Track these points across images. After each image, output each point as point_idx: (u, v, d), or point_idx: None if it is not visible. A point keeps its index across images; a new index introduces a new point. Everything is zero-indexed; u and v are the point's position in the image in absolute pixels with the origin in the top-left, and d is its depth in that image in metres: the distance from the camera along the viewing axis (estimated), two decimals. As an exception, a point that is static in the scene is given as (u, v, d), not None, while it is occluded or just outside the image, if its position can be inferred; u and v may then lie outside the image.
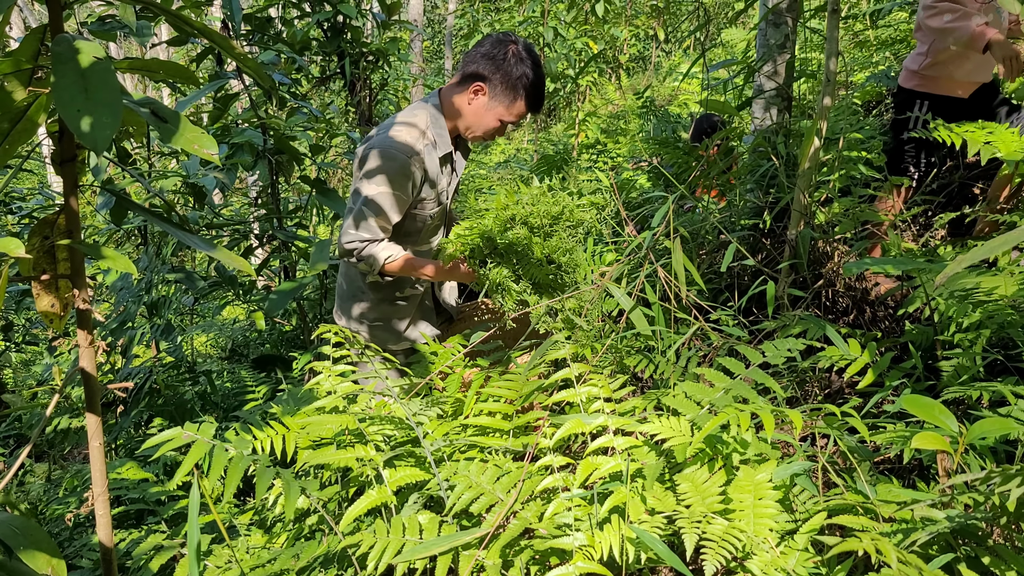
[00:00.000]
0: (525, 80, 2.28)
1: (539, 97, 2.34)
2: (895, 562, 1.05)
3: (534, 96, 2.32)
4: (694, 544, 1.22)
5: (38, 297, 1.17)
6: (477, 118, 2.34)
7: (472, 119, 2.35)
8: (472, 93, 2.31)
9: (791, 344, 1.81)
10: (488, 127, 2.36)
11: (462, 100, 2.34)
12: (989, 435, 1.26)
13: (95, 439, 1.20)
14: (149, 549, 1.80)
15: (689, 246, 3.00)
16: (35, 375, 6.51)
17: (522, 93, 2.30)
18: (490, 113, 2.33)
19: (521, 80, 2.28)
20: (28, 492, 3.59)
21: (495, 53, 2.28)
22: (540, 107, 2.37)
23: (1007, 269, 2.10)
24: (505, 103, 2.31)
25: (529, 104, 2.33)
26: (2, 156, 1.09)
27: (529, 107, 2.34)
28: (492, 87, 2.29)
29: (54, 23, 1.08)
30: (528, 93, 2.30)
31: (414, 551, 1.34)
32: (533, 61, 2.30)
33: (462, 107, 2.35)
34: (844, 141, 2.73)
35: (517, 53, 2.28)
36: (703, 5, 9.28)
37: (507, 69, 2.27)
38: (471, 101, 2.33)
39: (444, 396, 1.98)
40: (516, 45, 2.30)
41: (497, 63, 2.27)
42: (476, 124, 2.36)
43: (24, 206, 4.60)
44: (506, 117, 2.34)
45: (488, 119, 2.34)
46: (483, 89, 2.30)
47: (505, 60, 2.27)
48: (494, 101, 2.31)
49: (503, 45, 2.29)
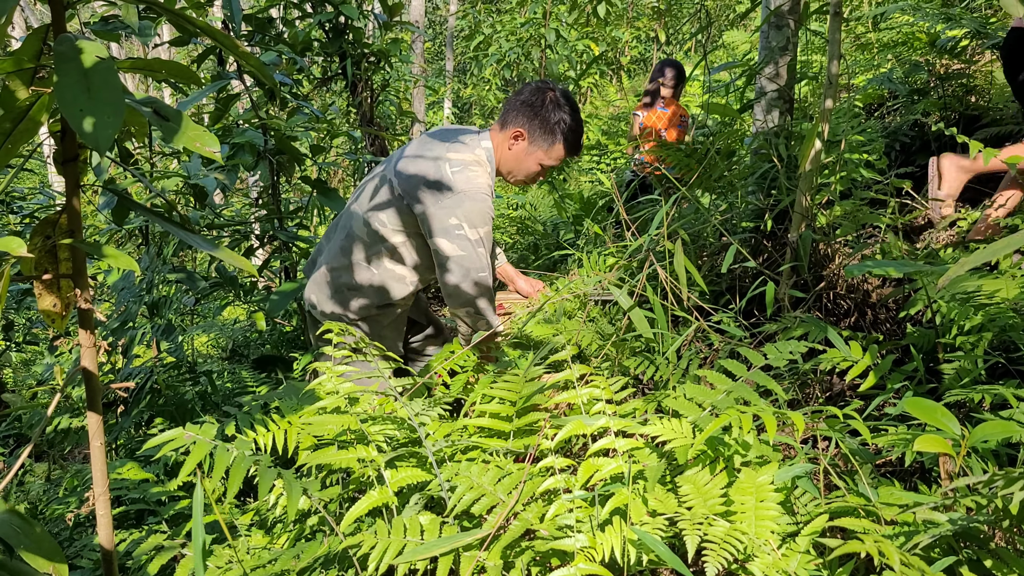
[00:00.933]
0: (563, 125, 2.38)
1: (577, 141, 2.44)
2: (898, 564, 1.05)
3: (572, 140, 2.42)
4: (695, 546, 1.21)
5: (40, 297, 1.17)
6: (518, 163, 2.44)
7: (513, 164, 2.45)
8: (512, 139, 2.41)
9: (792, 346, 1.81)
10: (529, 171, 2.46)
11: (503, 146, 2.43)
12: (991, 438, 1.25)
13: (96, 439, 1.20)
14: (150, 549, 1.79)
15: (690, 248, 3.00)
16: (35, 375, 6.51)
17: (560, 137, 2.39)
18: (530, 158, 2.42)
19: (559, 125, 2.38)
20: (28, 492, 3.59)
21: (533, 100, 2.38)
22: (579, 151, 2.48)
23: (1009, 272, 2.10)
24: (544, 147, 2.40)
25: (568, 148, 2.43)
26: (4, 156, 1.09)
27: (568, 151, 2.44)
28: (531, 133, 2.39)
29: (57, 23, 1.08)
30: (566, 137, 2.40)
31: (415, 552, 1.34)
32: (571, 107, 2.40)
33: (503, 152, 2.44)
34: (845, 143, 2.73)
35: (555, 99, 2.38)
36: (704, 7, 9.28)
37: (545, 115, 2.37)
38: (511, 147, 2.42)
39: (446, 395, 1.98)
40: (554, 92, 2.40)
41: (535, 109, 2.37)
42: (517, 169, 2.46)
43: (25, 206, 4.60)
44: (546, 161, 2.43)
45: (529, 163, 2.43)
46: (523, 135, 2.40)
47: (543, 106, 2.37)
48: (533, 146, 2.41)
49: (541, 92, 2.39)
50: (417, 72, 10.11)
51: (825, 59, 4.34)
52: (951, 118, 3.49)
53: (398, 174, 2.40)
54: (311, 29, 4.47)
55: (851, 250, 2.71)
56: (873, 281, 2.65)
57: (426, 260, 2.47)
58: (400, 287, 2.49)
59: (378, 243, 2.44)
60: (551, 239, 5.72)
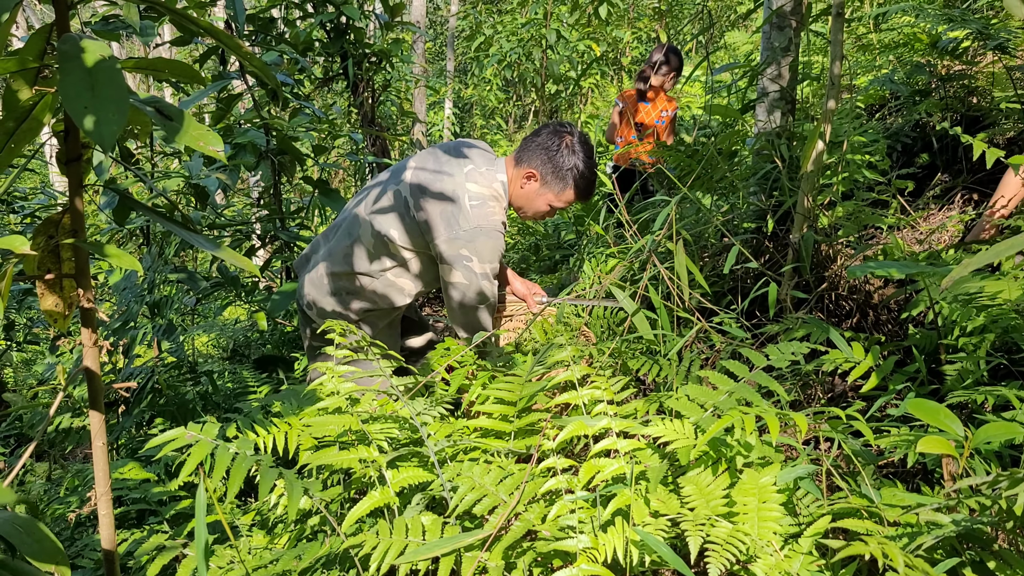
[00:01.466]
0: (576, 172, 2.41)
1: (589, 188, 2.47)
2: (902, 566, 1.05)
3: (583, 187, 2.46)
4: (698, 547, 1.21)
5: (42, 296, 1.17)
6: (528, 202, 2.48)
7: (524, 202, 2.49)
8: (525, 178, 2.44)
9: (795, 347, 1.80)
10: (538, 210, 2.50)
11: (516, 182, 2.47)
12: (994, 439, 1.25)
13: (98, 438, 1.20)
14: (151, 550, 1.79)
15: (692, 249, 3.00)
16: (36, 374, 6.51)
17: (571, 183, 2.43)
18: (540, 199, 2.46)
19: (572, 171, 2.41)
20: (29, 491, 3.59)
21: (549, 144, 2.41)
22: (590, 196, 2.51)
23: (1011, 273, 2.09)
24: (555, 191, 2.44)
25: (578, 194, 2.47)
26: (8, 155, 1.09)
27: (578, 196, 2.48)
28: (544, 175, 2.42)
29: (60, 22, 1.08)
30: (577, 184, 2.44)
31: (417, 552, 1.34)
32: (586, 153, 2.43)
33: (516, 189, 2.48)
34: (847, 144, 2.72)
35: (570, 145, 2.41)
36: (706, 8, 9.28)
37: (559, 160, 2.40)
38: (524, 185, 2.46)
39: (445, 394, 1.98)
40: (571, 136, 2.43)
41: (550, 153, 2.41)
42: (527, 207, 2.50)
43: (26, 205, 4.60)
44: (556, 203, 2.48)
45: (539, 203, 2.48)
46: (536, 176, 2.43)
47: (558, 151, 2.40)
48: (544, 188, 2.44)
49: (559, 136, 2.43)
50: (418, 72, 10.11)
51: (827, 60, 4.34)
52: (953, 119, 3.48)
53: (413, 192, 2.39)
54: (313, 29, 4.47)
55: (853, 251, 2.71)
56: (875, 282, 2.65)
57: (432, 274, 2.50)
58: (401, 297, 2.51)
59: (385, 255, 2.45)
60: (552, 239, 5.72)
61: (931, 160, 3.42)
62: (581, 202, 2.52)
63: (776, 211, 2.87)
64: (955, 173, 3.29)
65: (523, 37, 9.66)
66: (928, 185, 3.27)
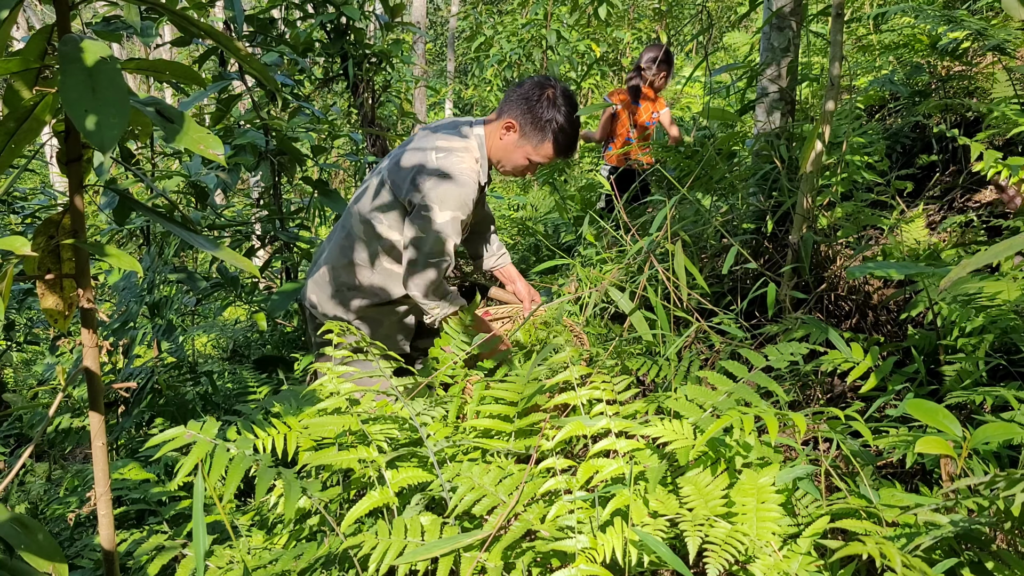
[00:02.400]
0: (554, 124, 2.35)
1: (569, 143, 2.41)
2: (900, 566, 1.05)
3: (563, 141, 2.39)
4: (697, 547, 1.21)
5: (42, 296, 1.17)
6: (506, 154, 2.43)
7: (502, 154, 2.43)
8: (504, 129, 2.39)
9: (794, 348, 1.80)
10: (516, 164, 2.44)
11: (495, 134, 2.42)
12: (993, 440, 1.25)
13: (98, 438, 1.20)
14: (151, 550, 1.79)
15: (691, 250, 3.01)
16: (36, 375, 6.51)
17: (549, 136, 2.36)
18: (518, 151, 2.41)
19: (550, 124, 2.35)
20: (29, 492, 3.59)
21: (530, 94, 2.36)
22: (570, 153, 2.44)
23: (1010, 274, 2.10)
24: (533, 143, 2.38)
25: (557, 148, 2.40)
26: (8, 155, 1.09)
27: (557, 151, 2.41)
28: (522, 126, 2.37)
29: (61, 23, 1.08)
30: (556, 138, 2.37)
31: (416, 553, 1.34)
32: (568, 107, 2.36)
33: (495, 141, 2.43)
34: (847, 145, 2.73)
35: (552, 97, 2.35)
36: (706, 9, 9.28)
37: (538, 112, 2.34)
38: (502, 136, 2.41)
39: (447, 396, 1.98)
40: (553, 90, 2.37)
41: (530, 104, 2.35)
42: (505, 159, 2.44)
43: (27, 206, 4.60)
44: (534, 157, 2.41)
45: (516, 156, 2.42)
46: (514, 127, 2.38)
47: (539, 103, 2.35)
48: (523, 140, 2.39)
49: (541, 88, 2.37)
50: (418, 73, 10.11)
51: (826, 61, 4.34)
52: (952, 120, 3.49)
53: (390, 171, 2.41)
54: (313, 30, 4.47)
55: (852, 252, 2.72)
56: (874, 283, 2.65)
57: None
58: (398, 287, 2.50)
59: (375, 241, 2.45)
60: (552, 240, 5.72)
61: (931, 161, 3.42)
62: (561, 158, 2.45)
63: (775, 212, 2.87)
64: (955, 174, 3.29)
65: (523, 38, 9.66)
66: (927, 186, 3.27)
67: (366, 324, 2.56)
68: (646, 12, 12.23)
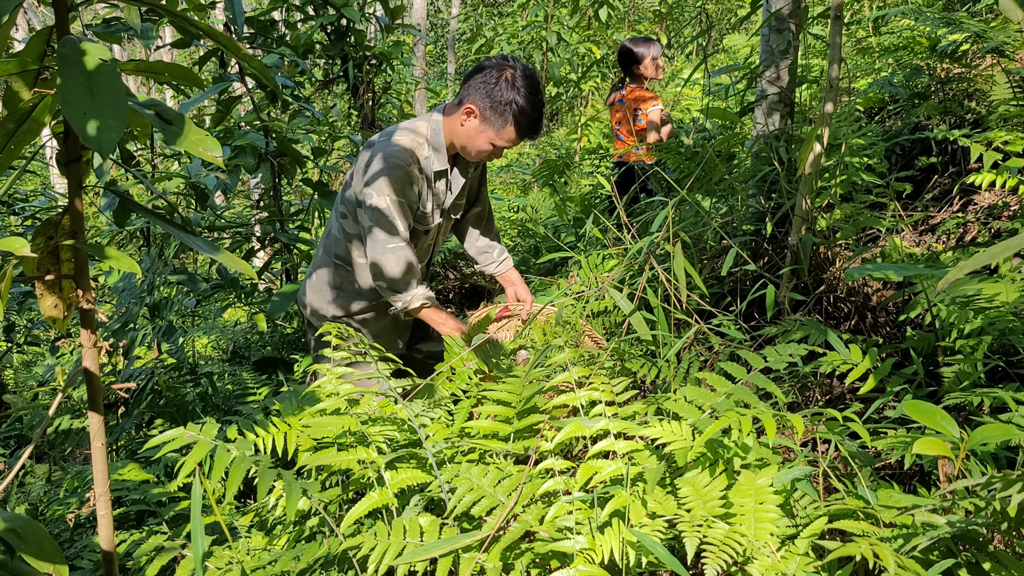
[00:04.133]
0: (514, 107, 2.27)
1: (532, 124, 2.32)
2: (892, 567, 1.05)
3: (525, 124, 2.30)
4: (695, 548, 1.22)
5: (42, 297, 1.18)
6: (469, 140, 2.36)
7: (465, 140, 2.37)
8: (464, 115, 2.33)
9: (792, 349, 1.81)
10: (480, 149, 2.37)
11: (456, 120, 2.36)
12: (990, 441, 1.26)
13: (97, 439, 1.20)
14: (150, 550, 1.80)
15: (691, 251, 3.01)
16: (36, 376, 6.51)
17: (510, 120, 2.29)
18: (481, 136, 2.34)
19: (510, 107, 2.27)
20: (28, 493, 3.59)
21: (488, 78, 2.28)
22: (534, 134, 2.36)
23: (1008, 276, 2.10)
24: (495, 128, 2.31)
25: (519, 131, 2.32)
26: (7, 157, 1.09)
27: (520, 134, 2.33)
28: (482, 111, 2.30)
29: (60, 25, 1.09)
30: (517, 120, 2.29)
31: (415, 553, 1.34)
32: (528, 89, 2.28)
33: (456, 127, 2.37)
34: (846, 147, 2.73)
35: (510, 79, 2.27)
36: (705, 11, 9.30)
37: (497, 95, 2.27)
38: (463, 123, 2.34)
39: (447, 399, 1.98)
40: (513, 71, 2.28)
41: (489, 88, 2.27)
42: (469, 145, 2.38)
43: (27, 207, 4.61)
44: (497, 142, 2.34)
45: (479, 142, 2.35)
46: (474, 112, 2.31)
47: (496, 85, 2.27)
48: (484, 124, 2.31)
49: (499, 70, 2.29)
50: (419, 75, 10.12)
51: (826, 63, 4.34)
52: (951, 122, 3.49)
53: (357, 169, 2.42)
54: (313, 32, 4.47)
55: (851, 253, 2.72)
56: (873, 284, 2.65)
57: None
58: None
59: (346, 240, 2.49)
60: (552, 242, 5.72)
61: (930, 163, 3.43)
62: (526, 140, 2.38)
63: (775, 213, 2.87)
64: (954, 176, 3.29)
65: (524, 39, 9.67)
66: (926, 188, 3.27)
67: (358, 324, 2.57)
68: (646, 14, 12.24)
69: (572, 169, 6.82)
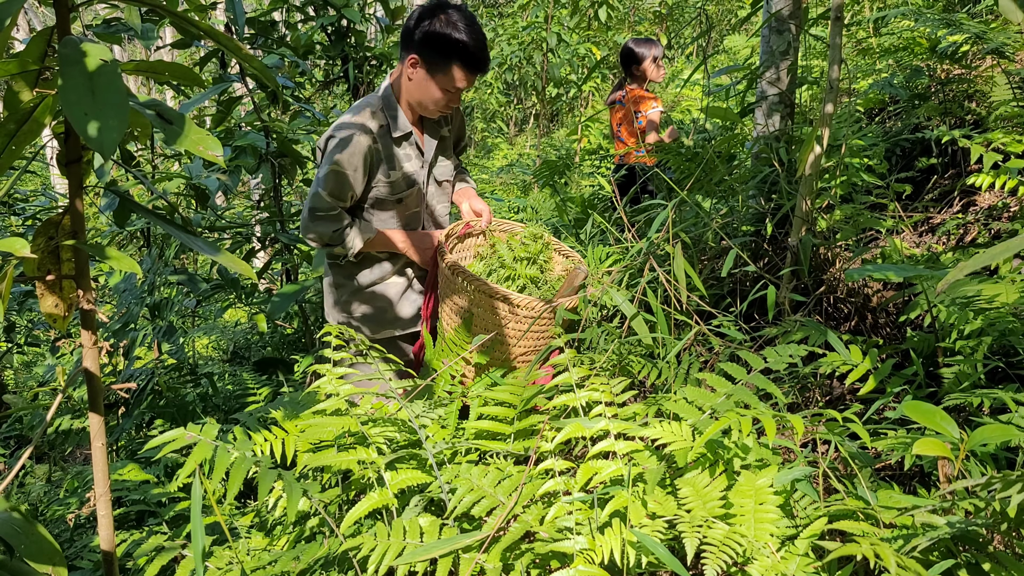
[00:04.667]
0: (458, 46, 2.20)
1: (478, 60, 2.25)
2: (893, 567, 1.05)
3: (469, 60, 2.23)
4: (695, 548, 1.22)
5: (42, 297, 1.18)
6: (421, 92, 2.30)
7: (417, 94, 2.31)
8: (411, 67, 2.28)
9: (793, 350, 1.81)
10: (435, 98, 2.30)
11: (403, 78, 2.32)
12: (990, 442, 1.26)
13: (98, 439, 1.20)
14: (150, 551, 1.80)
15: (691, 252, 3.01)
16: (36, 376, 6.51)
17: (455, 59, 2.22)
18: (430, 85, 2.27)
19: (454, 46, 2.20)
20: (28, 493, 3.60)
21: (424, 24, 2.22)
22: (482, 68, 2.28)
23: (1008, 277, 2.10)
24: (442, 72, 2.25)
25: (468, 68, 2.25)
26: (8, 157, 1.09)
27: (469, 71, 2.26)
28: (424, 58, 2.24)
29: (61, 25, 1.09)
30: (463, 58, 2.22)
31: (415, 554, 1.34)
32: (466, 24, 2.21)
33: (405, 84, 2.32)
34: (846, 148, 2.73)
35: (445, 19, 2.21)
36: (705, 12, 9.30)
37: (435, 39, 2.20)
38: (410, 76, 2.29)
39: (447, 399, 1.98)
40: (444, 12, 2.22)
41: (426, 33, 2.21)
42: (424, 98, 2.31)
43: (27, 207, 4.61)
44: (448, 86, 2.27)
45: (431, 91, 2.29)
46: (417, 60, 2.25)
47: (431, 27, 2.20)
48: (431, 70, 2.25)
49: (431, 14, 2.22)
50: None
51: (826, 64, 4.34)
52: (952, 123, 3.49)
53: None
54: (314, 32, 4.48)
55: (851, 254, 2.72)
56: (874, 285, 2.65)
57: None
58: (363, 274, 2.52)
59: None
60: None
61: (930, 164, 3.43)
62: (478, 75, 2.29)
63: (775, 214, 2.87)
64: (954, 177, 3.29)
65: (524, 40, 9.67)
66: (926, 188, 3.27)
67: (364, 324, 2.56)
68: (646, 15, 12.25)
69: (572, 170, 6.82)
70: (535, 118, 12.62)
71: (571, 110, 11.73)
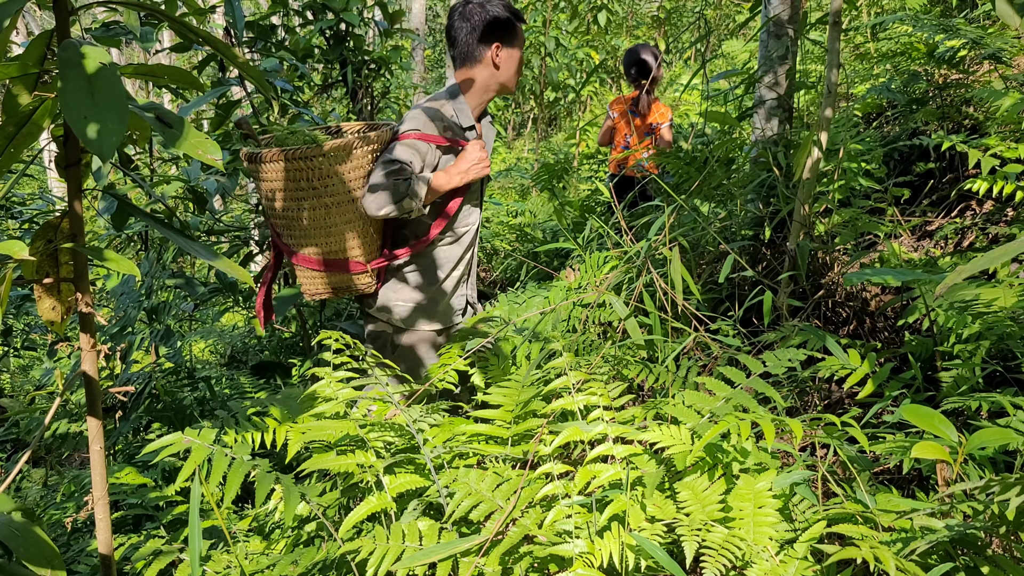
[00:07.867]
0: (508, 12, 2.46)
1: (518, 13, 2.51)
2: (893, 570, 1.05)
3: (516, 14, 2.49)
4: (694, 552, 1.22)
5: (40, 300, 1.18)
6: (513, 67, 2.51)
7: (509, 71, 2.51)
8: (495, 55, 2.45)
9: (791, 354, 1.81)
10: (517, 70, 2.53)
11: (487, 67, 2.47)
12: (988, 445, 1.26)
13: (96, 443, 1.20)
14: (148, 554, 1.79)
15: (688, 256, 3.01)
16: (33, 380, 6.50)
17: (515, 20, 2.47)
18: (514, 54, 2.49)
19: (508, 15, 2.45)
20: (26, 497, 3.58)
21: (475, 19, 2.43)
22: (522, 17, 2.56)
23: (1006, 281, 2.10)
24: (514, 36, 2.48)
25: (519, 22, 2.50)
26: (7, 160, 1.09)
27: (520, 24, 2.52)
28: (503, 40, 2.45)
29: (61, 28, 1.09)
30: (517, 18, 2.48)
31: (413, 558, 1.34)
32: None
33: (492, 73, 2.48)
34: (844, 152, 2.74)
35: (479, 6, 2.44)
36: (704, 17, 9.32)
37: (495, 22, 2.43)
38: (498, 62, 2.47)
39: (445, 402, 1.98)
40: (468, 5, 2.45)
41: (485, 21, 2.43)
42: (515, 70, 2.53)
43: (25, 211, 4.60)
44: (520, 47, 2.53)
45: (515, 65, 2.51)
46: (499, 46, 2.45)
47: (485, 14, 2.43)
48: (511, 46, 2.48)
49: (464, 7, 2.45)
50: (417, 79, 10.13)
51: (824, 68, 4.35)
52: (949, 128, 3.50)
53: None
54: (312, 36, 4.48)
55: (850, 258, 2.72)
56: (872, 289, 2.66)
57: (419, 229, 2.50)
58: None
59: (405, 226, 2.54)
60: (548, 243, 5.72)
61: (928, 168, 3.43)
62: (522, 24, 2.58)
63: (773, 219, 2.88)
64: (952, 181, 3.30)
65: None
66: (924, 193, 3.28)
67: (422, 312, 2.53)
68: (644, 19, 12.27)
69: (570, 174, 6.83)
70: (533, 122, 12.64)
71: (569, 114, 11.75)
